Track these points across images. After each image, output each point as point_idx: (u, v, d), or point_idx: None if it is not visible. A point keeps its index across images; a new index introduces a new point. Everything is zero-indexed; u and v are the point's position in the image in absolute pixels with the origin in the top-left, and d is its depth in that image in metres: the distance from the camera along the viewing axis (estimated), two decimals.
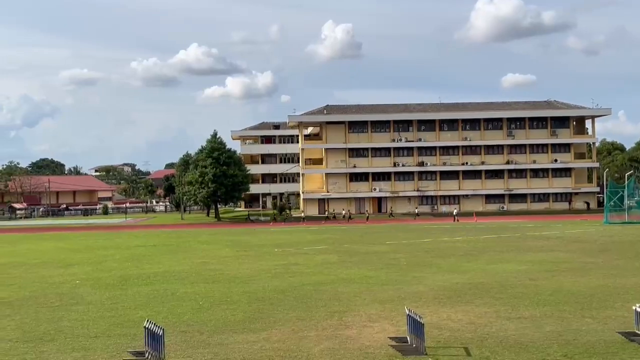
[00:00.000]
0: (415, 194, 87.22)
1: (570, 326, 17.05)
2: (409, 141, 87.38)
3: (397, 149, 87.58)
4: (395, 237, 48.58)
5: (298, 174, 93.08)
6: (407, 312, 15.43)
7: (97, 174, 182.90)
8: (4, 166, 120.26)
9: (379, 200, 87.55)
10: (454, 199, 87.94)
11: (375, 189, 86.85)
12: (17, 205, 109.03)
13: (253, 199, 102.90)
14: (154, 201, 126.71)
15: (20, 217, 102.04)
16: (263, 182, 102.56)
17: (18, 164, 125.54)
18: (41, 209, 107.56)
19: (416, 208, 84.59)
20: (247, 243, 45.98)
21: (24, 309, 21.30)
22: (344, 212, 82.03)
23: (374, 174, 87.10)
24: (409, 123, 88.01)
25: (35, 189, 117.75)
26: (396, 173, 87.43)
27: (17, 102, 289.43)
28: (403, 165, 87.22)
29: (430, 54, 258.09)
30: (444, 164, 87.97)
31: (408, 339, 15.30)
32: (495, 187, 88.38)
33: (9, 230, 72.37)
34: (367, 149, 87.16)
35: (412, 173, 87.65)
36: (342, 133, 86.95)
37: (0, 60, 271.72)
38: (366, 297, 22.04)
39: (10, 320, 19.41)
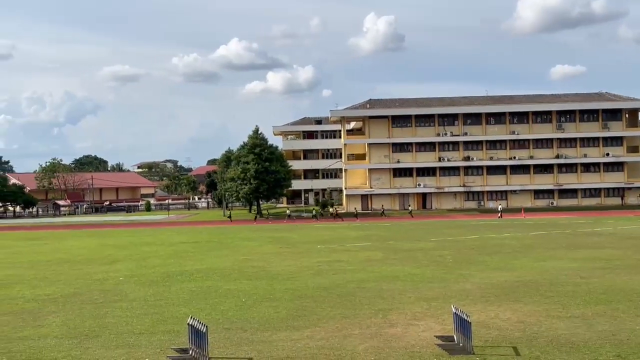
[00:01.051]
0: (461, 189, 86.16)
1: (624, 325, 16.46)
2: (455, 135, 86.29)
3: (442, 144, 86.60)
4: (440, 234, 47.95)
5: (340, 169, 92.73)
6: (453, 310, 15.05)
7: (140, 170, 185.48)
8: (48, 163, 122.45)
9: (424, 195, 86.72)
10: (501, 194, 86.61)
11: (419, 185, 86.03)
12: (61, 202, 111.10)
13: (295, 195, 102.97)
14: (196, 197, 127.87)
15: (64, 214, 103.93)
16: (305, 178, 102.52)
17: (61, 161, 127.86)
18: (85, 206, 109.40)
19: (409, 205, 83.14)
20: (290, 240, 45.87)
21: (69, 305, 21.44)
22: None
23: (418, 169, 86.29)
24: (454, 117, 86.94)
25: (79, 185, 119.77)
26: (441, 168, 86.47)
27: (60, 100, 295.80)
28: (448, 160, 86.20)
29: (476, 45, 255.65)
30: (491, 158, 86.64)
31: (455, 337, 14.92)
32: (545, 182, 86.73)
33: (54, 227, 73.67)
34: (411, 143, 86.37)
35: (457, 168, 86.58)
36: (386, 127, 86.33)
37: (43, 58, 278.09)
38: (411, 295, 21.64)
39: (56, 317, 19.54)
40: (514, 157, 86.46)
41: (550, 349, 14.43)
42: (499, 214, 70.80)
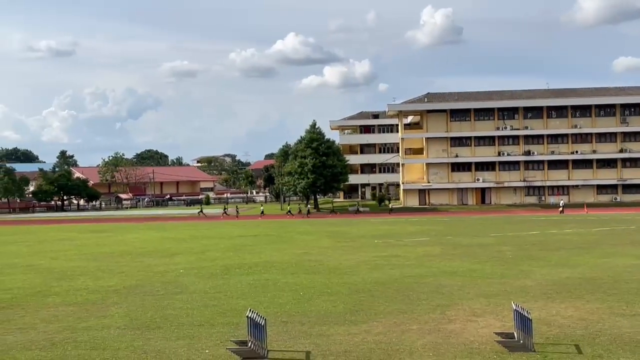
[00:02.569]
0: (521, 184, 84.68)
1: None
2: (515, 129, 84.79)
3: (501, 138, 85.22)
4: (500, 229, 47.24)
5: (398, 164, 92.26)
6: (514, 306, 14.82)
7: (199, 164, 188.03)
8: (111, 157, 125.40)
9: (483, 190, 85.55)
10: (563, 189, 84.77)
11: (478, 179, 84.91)
12: (123, 196, 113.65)
13: (352, 190, 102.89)
14: (254, 191, 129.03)
15: (126, 207, 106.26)
16: (362, 172, 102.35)
17: (123, 155, 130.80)
18: (146, 199, 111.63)
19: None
20: (347, 234, 45.88)
21: (131, 297, 21.92)
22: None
23: (477, 163, 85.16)
24: (514, 110, 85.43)
25: (140, 179, 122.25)
26: (501, 162, 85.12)
27: (121, 95, 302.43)
28: (508, 155, 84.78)
29: (536, 37, 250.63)
30: (552, 152, 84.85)
31: (515, 334, 14.68)
32: (608, 177, 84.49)
33: (116, 220, 75.41)
34: (469, 137, 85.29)
35: (517, 162, 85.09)
36: (444, 121, 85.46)
37: (105, 55, 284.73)
38: (470, 291, 21.40)
39: (119, 308, 20.01)
40: (576, 152, 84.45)
41: (614, 347, 14.10)
42: (561, 210, 69.32)
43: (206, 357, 14.36)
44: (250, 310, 14.63)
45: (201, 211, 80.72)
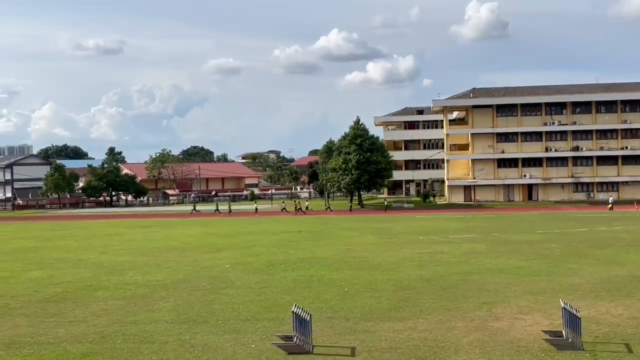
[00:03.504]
0: (569, 180, 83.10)
1: None
2: (562, 124, 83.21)
3: (549, 133, 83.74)
4: (548, 226, 46.50)
5: (442, 160, 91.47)
6: (562, 304, 14.62)
7: (244, 161, 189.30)
8: (158, 154, 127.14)
9: (529, 187, 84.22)
10: (612, 185, 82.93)
11: (525, 175, 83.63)
12: (170, 192, 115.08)
13: (396, 186, 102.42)
14: (298, 188, 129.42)
15: (173, 203, 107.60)
16: (406, 168, 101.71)
17: (170, 151, 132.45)
18: (192, 195, 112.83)
19: (384, 199, 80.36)
20: (391, 230, 45.71)
21: (178, 291, 22.24)
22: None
23: (523, 159, 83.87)
24: (562, 105, 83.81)
25: (187, 175, 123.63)
26: (548, 158, 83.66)
27: (168, 93, 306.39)
28: (556, 150, 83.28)
29: (583, 31, 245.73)
30: (601, 148, 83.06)
31: (563, 333, 14.49)
32: None
33: (163, 215, 76.44)
34: (516, 133, 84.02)
35: (565, 158, 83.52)
36: (490, 117, 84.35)
37: (152, 53, 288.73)
38: (517, 288, 21.15)
39: (166, 302, 20.32)
40: (626, 147, 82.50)
41: None
42: (610, 206, 67.85)
43: (252, 351, 14.50)
44: (295, 305, 14.72)
45: (194, 208, 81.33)
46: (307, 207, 75.57)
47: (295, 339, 14.34)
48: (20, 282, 25.21)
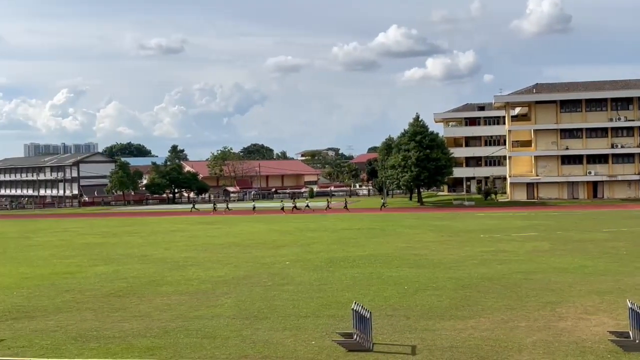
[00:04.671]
0: (636, 177, 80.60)
1: None
2: (629, 120, 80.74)
3: (615, 129, 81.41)
4: (614, 224, 45.24)
5: (504, 156, 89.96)
6: (629, 305, 14.23)
7: (303, 158, 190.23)
8: (219, 152, 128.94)
9: (594, 184, 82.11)
10: None
11: (590, 173, 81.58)
12: (230, 189, 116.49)
13: (456, 183, 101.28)
14: (357, 185, 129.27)
15: (234, 200, 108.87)
16: (467, 165, 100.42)
17: (231, 149, 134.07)
18: (252, 192, 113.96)
19: (382, 199, 79.32)
20: (452, 228, 45.24)
21: (240, 287, 22.52)
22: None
23: (588, 156, 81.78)
24: (628, 100, 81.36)
25: (247, 173, 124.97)
26: (614, 155, 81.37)
27: (229, 91, 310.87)
28: (622, 147, 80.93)
29: None
30: None
31: (630, 334, 14.10)
32: None
33: (225, 212, 77.28)
34: (580, 129, 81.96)
35: (632, 155, 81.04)
36: (553, 113, 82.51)
37: (213, 51, 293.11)
38: (582, 288, 20.67)
39: (228, 298, 20.60)
40: None
41: None
42: None
43: (312, 348, 14.56)
44: (355, 303, 14.73)
45: (194, 207, 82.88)
46: (307, 206, 76.24)
47: (355, 336, 14.34)
48: (87, 277, 25.94)
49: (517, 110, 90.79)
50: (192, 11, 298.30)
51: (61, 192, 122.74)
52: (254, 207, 75.69)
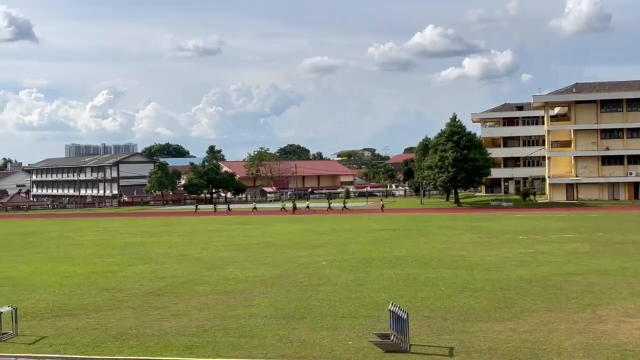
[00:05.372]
0: None
1: None
2: None
3: None
4: None
5: (543, 157, 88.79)
6: None
7: (339, 159, 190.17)
8: (256, 152, 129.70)
9: (636, 185, 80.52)
10: None
11: (631, 173, 80.00)
12: (267, 189, 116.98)
13: (494, 184, 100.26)
14: (393, 185, 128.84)
15: (270, 200, 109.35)
16: (505, 166, 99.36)
17: (268, 149, 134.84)
18: (289, 193, 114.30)
19: (381, 200, 77.20)
20: (490, 229, 44.80)
21: (276, 287, 22.62)
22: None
23: (629, 156, 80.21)
24: None
25: (283, 173, 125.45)
26: None
27: (265, 92, 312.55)
28: None
29: None
30: None
31: None
32: None
33: (262, 212, 77.68)
34: (621, 129, 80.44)
35: None
36: (593, 113, 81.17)
37: (249, 52, 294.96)
38: (623, 290, 20.32)
39: (265, 298, 20.71)
40: None
41: None
42: None
43: (349, 348, 14.57)
44: (392, 303, 14.70)
45: (196, 208, 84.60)
46: (307, 207, 77.44)
47: (392, 337, 14.32)
48: (126, 276, 26.33)
49: (557, 110, 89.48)
50: (228, 12, 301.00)
51: (101, 192, 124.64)
52: (255, 208, 77.80)
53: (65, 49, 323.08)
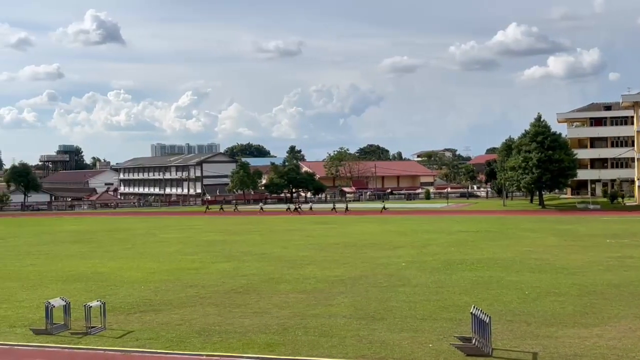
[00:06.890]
0: None
1: None
2: None
3: None
4: None
5: (632, 158, 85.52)
6: None
7: (419, 159, 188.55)
8: (335, 152, 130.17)
9: None
10: None
11: None
12: (346, 189, 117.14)
13: (580, 186, 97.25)
14: (474, 186, 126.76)
15: (350, 200, 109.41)
16: (592, 167, 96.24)
17: (347, 150, 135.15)
18: (368, 193, 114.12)
19: (382, 202, 73.72)
20: (576, 232, 43.49)
21: (356, 287, 22.66)
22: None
23: None
24: None
25: (363, 173, 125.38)
26: None
27: (345, 92, 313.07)
28: None
29: None
30: None
31: None
32: None
33: (340, 213, 77.84)
34: None
35: None
36: None
37: (329, 53, 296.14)
38: None
39: (344, 297, 20.79)
40: None
41: None
42: None
43: (429, 351, 14.47)
44: (474, 307, 14.51)
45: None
46: (310, 208, 78.50)
47: (474, 341, 14.13)
48: (209, 273, 26.91)
49: None
50: (308, 14, 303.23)
51: (185, 191, 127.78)
52: (261, 208, 79.52)
53: (150, 51, 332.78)
